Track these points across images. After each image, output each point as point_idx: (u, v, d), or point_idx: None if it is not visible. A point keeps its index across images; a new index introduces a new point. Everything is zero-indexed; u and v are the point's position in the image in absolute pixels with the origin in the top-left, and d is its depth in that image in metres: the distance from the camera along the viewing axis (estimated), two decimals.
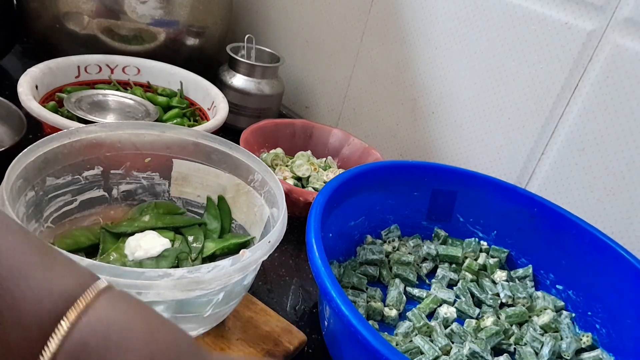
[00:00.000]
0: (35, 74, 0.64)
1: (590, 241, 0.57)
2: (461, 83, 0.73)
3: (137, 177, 0.54)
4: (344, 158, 0.78)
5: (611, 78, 0.59)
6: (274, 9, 0.99)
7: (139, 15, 0.78)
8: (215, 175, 0.54)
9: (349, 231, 0.60)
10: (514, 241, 0.63)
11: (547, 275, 0.61)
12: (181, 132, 0.53)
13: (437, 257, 0.63)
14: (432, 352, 0.49)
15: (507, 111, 0.69)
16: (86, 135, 0.48)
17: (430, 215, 0.65)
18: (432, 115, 0.77)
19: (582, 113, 0.62)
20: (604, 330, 0.55)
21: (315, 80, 0.94)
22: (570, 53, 0.61)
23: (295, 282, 0.58)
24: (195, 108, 0.76)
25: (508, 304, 0.58)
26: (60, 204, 0.49)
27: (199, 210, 0.57)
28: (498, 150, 0.71)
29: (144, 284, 0.34)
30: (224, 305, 0.42)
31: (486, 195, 0.63)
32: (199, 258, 0.50)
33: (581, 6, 0.60)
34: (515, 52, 0.66)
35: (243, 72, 0.83)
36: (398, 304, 0.55)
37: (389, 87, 0.82)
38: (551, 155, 0.66)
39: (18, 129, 0.60)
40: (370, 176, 0.59)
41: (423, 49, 0.76)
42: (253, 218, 0.53)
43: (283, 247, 0.62)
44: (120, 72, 0.75)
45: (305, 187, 0.71)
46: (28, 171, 0.43)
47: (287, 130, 0.77)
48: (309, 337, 0.50)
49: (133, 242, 0.48)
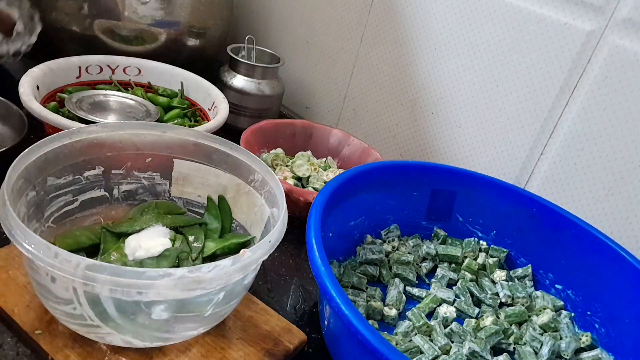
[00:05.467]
0: (37, 75, 0.64)
1: (590, 241, 0.57)
2: (460, 83, 0.73)
3: (138, 177, 0.55)
4: (344, 158, 0.78)
5: (610, 78, 0.59)
6: (275, 10, 0.99)
7: (140, 16, 0.78)
8: (216, 175, 0.54)
9: (349, 231, 0.61)
10: (513, 241, 0.63)
11: (546, 274, 0.61)
12: (182, 132, 0.53)
13: (437, 257, 0.63)
14: (431, 352, 0.49)
15: (506, 111, 0.69)
16: (87, 135, 0.48)
17: (430, 215, 0.65)
18: (432, 116, 0.77)
19: (581, 113, 0.62)
20: (603, 329, 0.55)
21: (315, 81, 0.94)
22: (569, 53, 0.62)
23: (296, 281, 0.59)
24: (196, 108, 0.76)
25: (507, 303, 0.58)
26: (61, 203, 0.49)
27: (199, 210, 0.57)
28: (497, 150, 0.71)
29: (144, 284, 0.35)
30: (225, 305, 0.42)
31: (485, 195, 0.63)
32: (200, 258, 0.50)
33: (580, 7, 0.60)
34: (514, 53, 0.66)
35: (243, 72, 0.83)
36: (398, 304, 0.55)
37: (389, 87, 0.82)
38: (550, 155, 0.66)
39: (19, 129, 0.61)
40: (370, 176, 0.59)
41: (423, 50, 0.76)
42: (253, 218, 0.53)
43: (283, 247, 0.62)
44: (121, 72, 0.75)
45: (305, 187, 0.71)
46: (29, 171, 0.43)
47: (287, 130, 0.78)
48: (309, 336, 0.50)
49: (133, 242, 0.49)
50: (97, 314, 0.37)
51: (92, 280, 0.34)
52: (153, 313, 0.38)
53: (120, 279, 0.34)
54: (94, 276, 0.34)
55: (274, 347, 0.46)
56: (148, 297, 0.36)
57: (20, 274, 0.46)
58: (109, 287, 0.35)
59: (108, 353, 0.42)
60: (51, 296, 0.38)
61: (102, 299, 0.36)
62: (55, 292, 0.37)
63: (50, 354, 0.41)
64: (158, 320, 0.38)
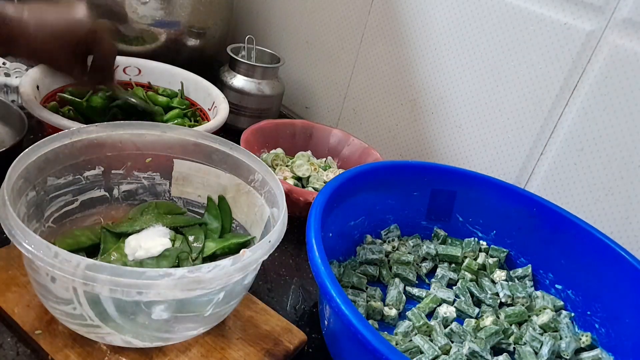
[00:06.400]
0: (37, 75, 0.64)
1: (589, 241, 0.57)
2: (460, 83, 0.73)
3: (138, 177, 0.55)
4: (344, 158, 0.78)
5: (610, 78, 0.59)
6: (274, 10, 0.99)
7: (140, 16, 0.78)
8: (216, 175, 0.54)
9: (349, 231, 0.61)
10: (513, 241, 0.63)
11: (546, 274, 0.61)
12: (182, 132, 0.53)
13: (437, 257, 0.63)
14: (431, 352, 0.49)
15: (506, 111, 0.69)
16: (87, 135, 0.48)
17: (430, 215, 0.65)
18: (432, 116, 0.77)
19: (581, 113, 0.62)
20: (603, 329, 0.55)
21: (315, 81, 0.94)
22: (569, 53, 0.62)
23: (296, 281, 0.59)
24: (196, 108, 0.76)
25: (507, 303, 0.58)
26: (61, 203, 0.49)
27: (199, 210, 0.57)
28: (497, 150, 0.71)
29: (144, 284, 0.35)
30: (225, 305, 0.42)
31: (485, 195, 0.63)
32: (200, 258, 0.50)
33: (580, 7, 0.60)
34: (515, 53, 0.66)
35: (243, 72, 0.83)
36: (398, 304, 0.55)
37: (389, 87, 0.82)
38: (550, 155, 0.66)
39: (19, 129, 0.61)
40: (370, 176, 0.59)
41: (423, 50, 0.76)
42: (253, 218, 0.53)
43: (283, 247, 0.62)
44: (122, 72, 0.75)
45: (305, 187, 0.71)
46: (29, 171, 0.43)
47: (288, 130, 0.78)
48: (309, 336, 0.50)
49: (133, 242, 0.49)
50: (97, 314, 0.37)
51: (92, 280, 0.34)
52: (153, 313, 0.38)
53: (120, 279, 0.34)
54: (94, 276, 0.34)
55: (274, 347, 0.46)
56: (148, 297, 0.36)
57: (20, 274, 0.46)
58: (109, 287, 0.35)
59: (108, 353, 0.42)
60: (51, 296, 0.38)
61: (102, 299, 0.36)
62: (55, 292, 0.37)
63: (50, 354, 0.41)
64: (158, 320, 0.38)
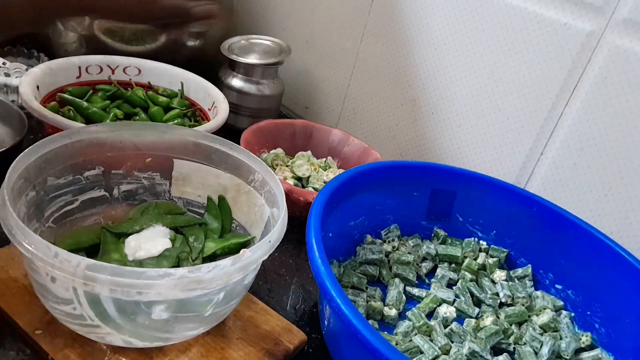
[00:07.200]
0: (37, 75, 0.64)
1: (589, 241, 0.57)
2: (460, 83, 0.73)
3: (138, 177, 0.55)
4: (344, 158, 0.78)
5: (610, 78, 0.59)
6: (274, 10, 0.99)
7: None
8: (216, 175, 0.54)
9: (349, 231, 0.61)
10: (513, 241, 0.63)
11: (546, 274, 0.61)
12: (182, 132, 0.53)
13: (437, 257, 0.63)
14: (431, 352, 0.50)
15: (506, 111, 0.69)
16: (87, 135, 0.48)
17: (430, 215, 0.65)
18: (432, 116, 0.77)
19: (581, 113, 0.62)
20: (603, 329, 0.55)
21: (315, 80, 0.94)
22: (569, 53, 0.62)
23: (296, 281, 0.59)
24: (196, 108, 0.76)
25: (507, 303, 0.58)
26: (61, 203, 0.49)
27: (199, 210, 0.57)
28: (497, 150, 0.71)
29: (144, 284, 0.35)
30: (225, 305, 0.42)
31: (485, 195, 0.63)
32: (200, 258, 0.50)
33: (580, 7, 0.60)
34: (514, 53, 0.66)
35: (243, 72, 0.83)
36: (398, 304, 0.56)
37: (389, 87, 0.82)
38: (550, 155, 0.66)
39: (19, 129, 0.61)
40: (370, 176, 0.59)
41: (423, 49, 0.76)
42: (253, 218, 0.53)
43: (283, 247, 0.62)
44: (121, 72, 0.75)
45: (305, 187, 0.71)
46: (29, 171, 0.43)
47: (287, 130, 0.78)
48: (309, 336, 0.51)
49: (133, 242, 0.49)
50: (97, 314, 0.37)
51: (92, 280, 0.34)
52: (153, 313, 0.38)
53: (120, 279, 0.34)
54: (94, 276, 0.34)
55: (274, 347, 0.46)
56: (148, 297, 0.36)
57: (20, 274, 0.46)
58: (109, 287, 0.35)
59: (108, 353, 0.42)
60: (51, 296, 0.38)
61: (102, 299, 0.36)
62: (55, 292, 0.37)
63: (50, 354, 0.41)
64: (158, 320, 0.38)
